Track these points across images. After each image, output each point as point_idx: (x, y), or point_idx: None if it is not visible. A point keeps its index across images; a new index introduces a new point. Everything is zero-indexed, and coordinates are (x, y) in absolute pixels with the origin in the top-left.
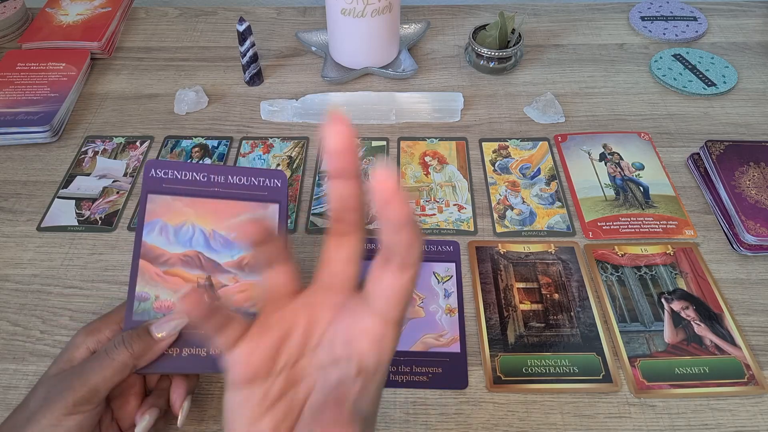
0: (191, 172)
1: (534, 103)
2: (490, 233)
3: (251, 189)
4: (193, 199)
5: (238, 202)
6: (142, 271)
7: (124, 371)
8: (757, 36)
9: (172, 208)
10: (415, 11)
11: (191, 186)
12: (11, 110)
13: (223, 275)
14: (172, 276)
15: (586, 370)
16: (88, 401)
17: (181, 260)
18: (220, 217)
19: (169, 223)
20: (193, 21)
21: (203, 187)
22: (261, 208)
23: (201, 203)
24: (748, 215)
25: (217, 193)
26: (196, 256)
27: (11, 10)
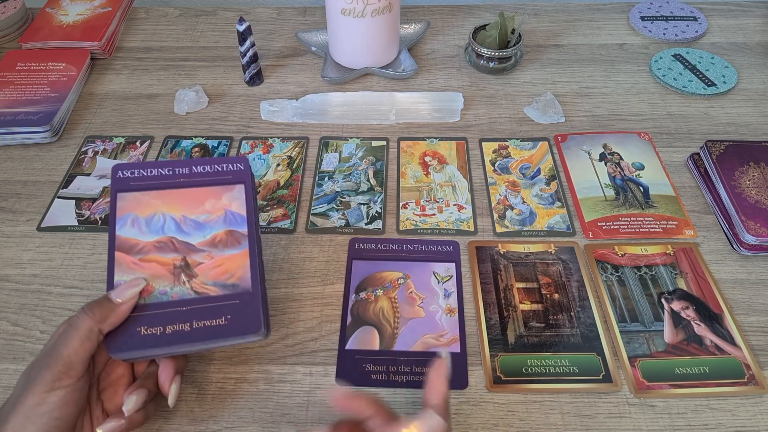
0: (156, 169)
1: (534, 103)
2: (490, 233)
3: (215, 175)
4: (160, 191)
5: (204, 188)
6: (119, 262)
7: (91, 337)
8: (757, 36)
9: (141, 202)
10: (415, 11)
11: (158, 181)
12: (11, 110)
13: (197, 254)
14: (148, 262)
15: (586, 370)
16: (66, 375)
17: (155, 247)
18: (189, 204)
19: (140, 215)
20: (193, 21)
21: (169, 180)
22: (227, 190)
23: (168, 194)
24: (748, 215)
25: (183, 183)
26: (170, 241)
27: (11, 10)
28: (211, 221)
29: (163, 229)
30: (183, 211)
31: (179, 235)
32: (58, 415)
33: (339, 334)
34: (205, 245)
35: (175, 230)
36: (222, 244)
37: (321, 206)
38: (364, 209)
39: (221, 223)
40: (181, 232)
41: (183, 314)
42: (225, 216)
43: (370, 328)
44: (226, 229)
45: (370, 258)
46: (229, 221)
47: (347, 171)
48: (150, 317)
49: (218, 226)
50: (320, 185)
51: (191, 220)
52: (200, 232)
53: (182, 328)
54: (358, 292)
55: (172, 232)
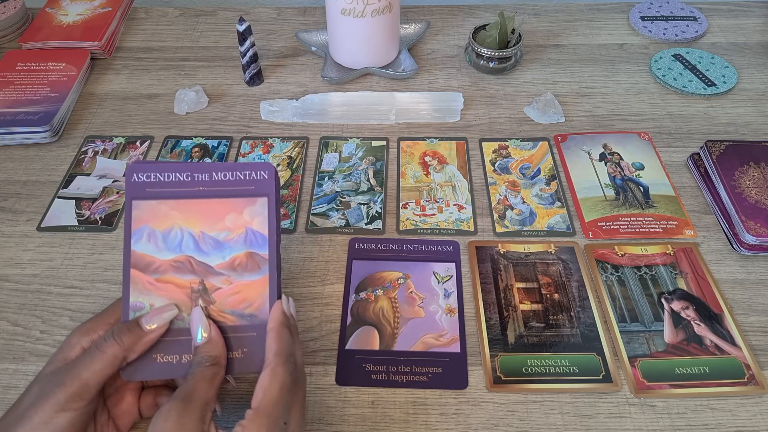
0: (174, 173)
1: (534, 103)
2: (490, 233)
3: (237, 184)
4: (178, 201)
5: (225, 200)
6: (135, 281)
7: (114, 364)
8: (757, 36)
9: (158, 212)
10: (415, 11)
11: (175, 187)
12: (11, 110)
13: (216, 278)
14: (165, 283)
15: (586, 370)
16: (80, 397)
17: (172, 266)
18: (208, 218)
19: (157, 229)
20: (193, 21)
21: (188, 187)
22: (249, 203)
23: (187, 205)
24: (748, 215)
25: (202, 192)
26: (188, 261)
27: (11, 10)
28: (231, 240)
29: (181, 246)
30: (202, 226)
31: (198, 254)
32: None
33: (339, 334)
34: (224, 268)
35: (193, 248)
36: (241, 267)
37: (321, 206)
38: (364, 209)
39: (241, 243)
40: (200, 251)
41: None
42: (246, 235)
43: (370, 328)
44: (247, 251)
45: (370, 258)
46: (250, 241)
47: (347, 171)
48: (166, 344)
49: (238, 247)
50: (320, 185)
51: (210, 237)
52: (219, 252)
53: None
54: (358, 292)
55: (190, 250)
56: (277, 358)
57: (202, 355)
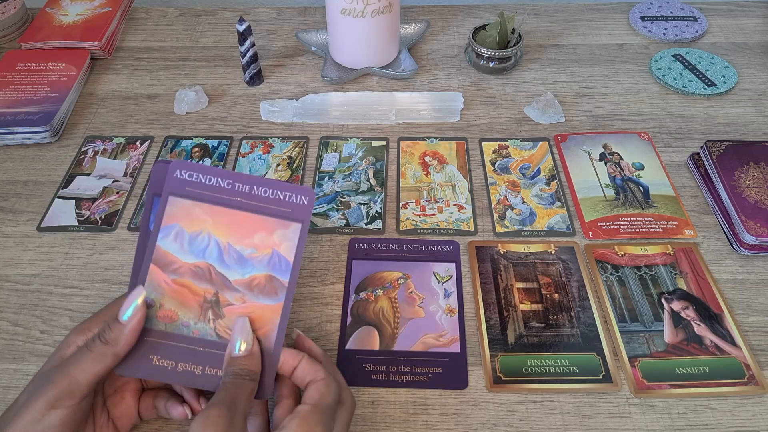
0: (216, 178)
1: (534, 103)
2: (490, 233)
3: (275, 203)
4: (213, 207)
5: (259, 216)
6: (151, 276)
7: (103, 361)
8: (757, 36)
9: (191, 214)
10: (415, 11)
11: (214, 193)
12: (11, 110)
13: (231, 293)
14: (180, 286)
15: (586, 370)
16: (70, 395)
17: (191, 271)
18: (238, 231)
19: (186, 230)
20: (193, 21)
21: (226, 195)
22: (281, 226)
23: (221, 213)
24: (748, 215)
25: (239, 204)
26: (208, 269)
27: (11, 10)
28: (255, 259)
29: (205, 253)
30: (231, 237)
31: (219, 265)
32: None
33: (339, 334)
34: (241, 285)
35: (216, 258)
36: (259, 288)
37: (321, 206)
38: (364, 209)
39: (265, 264)
40: (222, 262)
41: (198, 355)
42: (271, 257)
43: (370, 328)
44: (267, 274)
45: (370, 258)
46: (273, 265)
47: (347, 171)
48: (166, 348)
49: (260, 267)
50: (320, 185)
51: (236, 251)
52: (241, 267)
53: (194, 369)
54: (358, 292)
55: (213, 259)
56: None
57: (241, 367)
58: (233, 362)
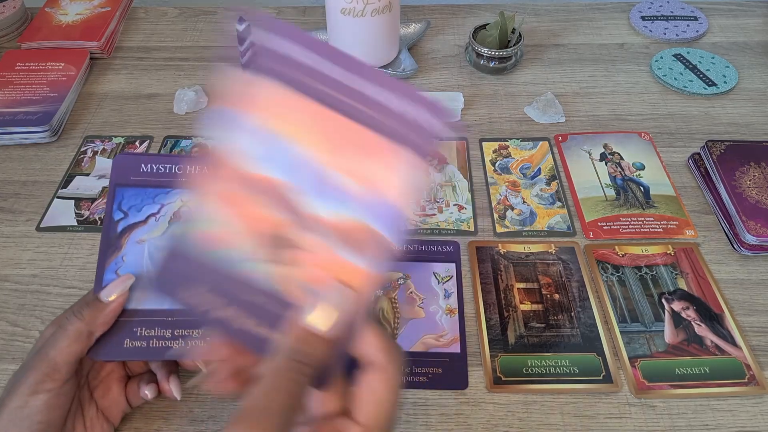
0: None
1: (534, 103)
2: (490, 233)
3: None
4: (317, 106)
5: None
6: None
7: (80, 340)
8: (757, 36)
9: (284, 106)
10: (415, 11)
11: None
12: (10, 110)
13: (314, 235)
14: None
15: (587, 370)
16: (50, 377)
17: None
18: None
19: (273, 128)
20: (192, 21)
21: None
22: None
23: (324, 115)
24: (749, 215)
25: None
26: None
27: (10, 9)
28: (360, 199)
29: (293, 168)
30: (333, 157)
31: (311, 191)
32: (41, 419)
33: None
34: (331, 228)
35: (307, 181)
36: (351, 240)
37: None
38: None
39: (368, 209)
40: (315, 189)
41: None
42: (379, 201)
43: None
44: (368, 224)
45: None
46: (378, 215)
47: None
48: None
49: (362, 212)
50: None
51: (338, 180)
52: (338, 205)
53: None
54: None
55: (303, 181)
56: (385, 354)
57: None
58: (299, 337)
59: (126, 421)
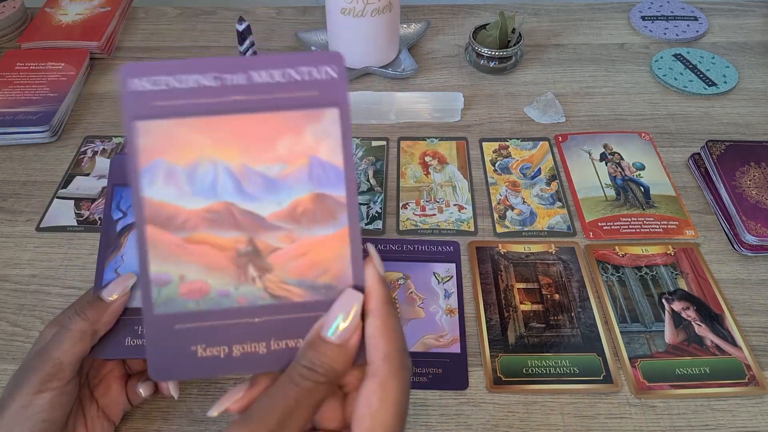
0: (193, 76)
1: (534, 103)
2: (490, 233)
3: (290, 89)
4: (204, 119)
5: (274, 114)
6: (155, 244)
7: (84, 339)
8: (757, 36)
9: (175, 138)
10: (415, 11)
11: (197, 98)
12: (10, 110)
13: (270, 234)
14: (199, 244)
15: (587, 370)
16: (54, 377)
17: (206, 219)
18: (252, 144)
19: (177, 164)
20: (192, 21)
21: (216, 96)
22: (311, 119)
23: (218, 124)
24: (749, 215)
25: (239, 104)
26: (227, 210)
27: (10, 9)
28: (288, 177)
29: (216, 188)
30: (243, 156)
31: (241, 199)
32: (45, 418)
33: None
34: (281, 219)
35: (233, 191)
36: (307, 217)
37: None
38: (364, 209)
39: (305, 180)
40: (243, 194)
41: (256, 328)
42: (310, 168)
43: None
44: (313, 193)
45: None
46: (318, 178)
47: None
48: (210, 331)
49: (300, 187)
50: None
51: (257, 173)
52: (273, 195)
53: (256, 349)
54: None
55: (229, 194)
56: (389, 363)
57: (322, 360)
58: (316, 346)
59: (126, 420)
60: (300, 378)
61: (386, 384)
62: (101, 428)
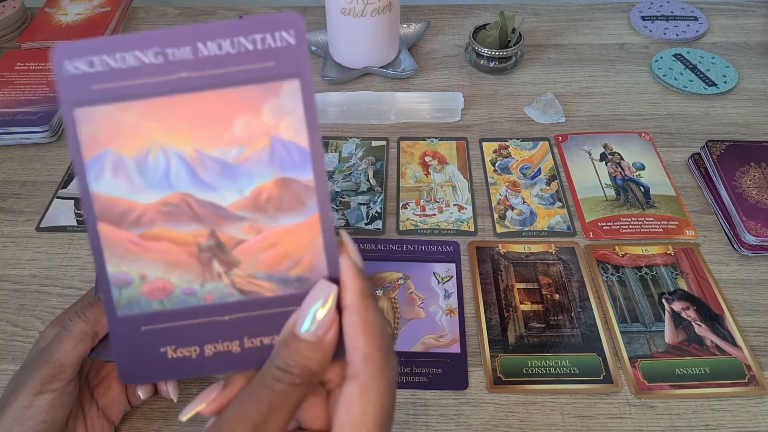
0: (133, 52)
1: (534, 103)
2: (490, 233)
3: (243, 61)
4: (149, 101)
5: (227, 90)
6: (108, 242)
7: (84, 341)
8: (757, 36)
9: (121, 125)
10: (415, 11)
11: (141, 78)
12: (10, 110)
13: (233, 225)
14: (156, 241)
15: (587, 370)
16: (56, 378)
17: (162, 213)
18: (204, 126)
19: (125, 154)
20: (192, 21)
21: (161, 75)
22: (269, 93)
23: (166, 106)
24: (749, 215)
25: (186, 81)
26: (184, 201)
27: (10, 9)
28: (247, 161)
29: (169, 178)
30: (196, 140)
31: (198, 189)
32: (45, 418)
33: None
34: (243, 208)
35: (189, 180)
36: (273, 205)
37: None
38: (364, 209)
39: (266, 163)
40: (200, 183)
41: (227, 327)
42: (271, 150)
43: None
44: (277, 177)
45: (370, 258)
46: (280, 160)
47: (347, 171)
48: (178, 331)
49: (262, 171)
50: None
51: (213, 159)
52: (231, 182)
53: (229, 348)
54: None
55: (184, 184)
56: (369, 364)
57: (296, 360)
58: (290, 345)
59: (126, 421)
60: (273, 381)
61: (368, 387)
62: (101, 428)
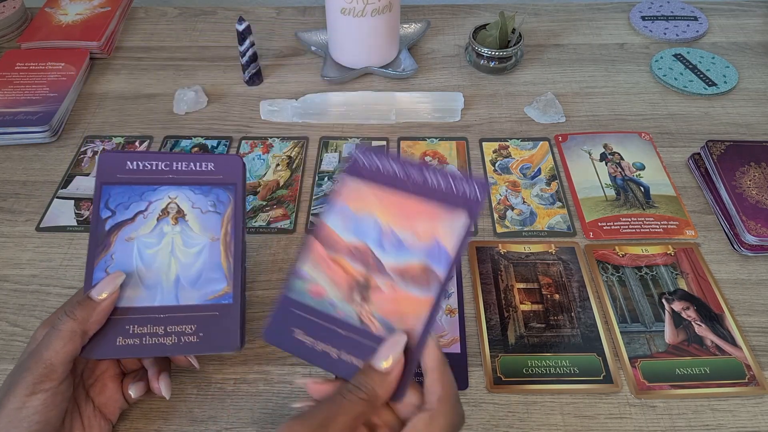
0: (394, 165)
1: (534, 103)
2: (490, 233)
3: (446, 193)
4: (384, 188)
5: (426, 202)
6: (313, 252)
7: (74, 339)
8: (757, 36)
9: (361, 194)
10: (415, 11)
11: (388, 178)
12: (10, 110)
13: (382, 278)
14: (336, 264)
15: (587, 370)
16: (47, 378)
17: (348, 250)
18: (402, 215)
19: (353, 210)
20: (192, 21)
21: (398, 179)
22: (448, 215)
23: (390, 195)
24: (749, 215)
25: (409, 188)
26: (366, 251)
27: (10, 9)
28: (414, 246)
29: (366, 233)
30: (393, 221)
31: (376, 248)
32: (39, 419)
33: None
34: (394, 271)
35: (374, 240)
36: (411, 278)
37: (321, 206)
38: None
39: (423, 252)
40: (380, 245)
41: (338, 338)
42: (431, 246)
43: None
44: (424, 264)
45: None
46: (432, 255)
47: None
48: (311, 324)
49: (418, 255)
50: (320, 185)
51: (396, 235)
52: (398, 253)
53: (330, 352)
54: None
55: (371, 240)
56: (441, 403)
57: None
58: (365, 372)
59: (126, 421)
60: (347, 392)
61: (436, 416)
62: (98, 427)
